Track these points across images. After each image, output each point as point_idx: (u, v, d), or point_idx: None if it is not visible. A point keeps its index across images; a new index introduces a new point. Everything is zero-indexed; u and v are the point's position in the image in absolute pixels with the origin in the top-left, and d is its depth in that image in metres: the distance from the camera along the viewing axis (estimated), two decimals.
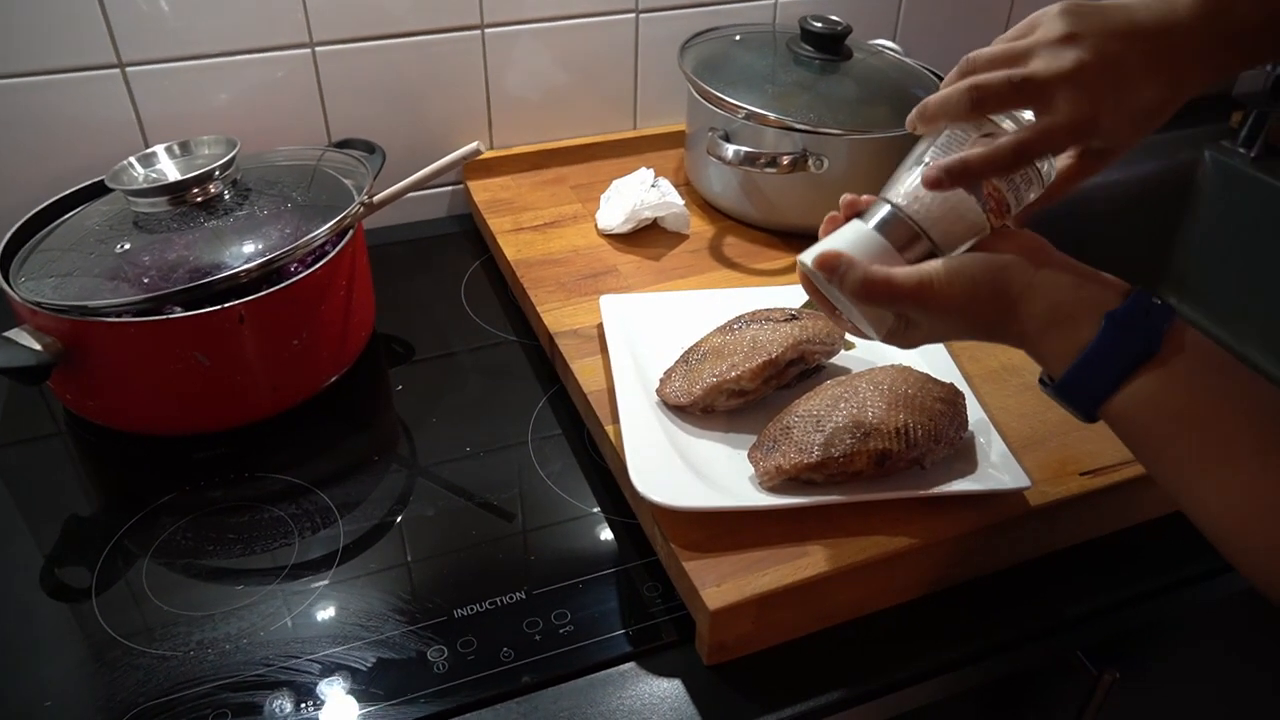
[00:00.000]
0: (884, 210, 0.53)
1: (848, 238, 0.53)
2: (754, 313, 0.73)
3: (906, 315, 0.52)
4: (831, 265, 0.51)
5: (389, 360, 0.86)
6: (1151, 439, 0.46)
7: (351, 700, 0.56)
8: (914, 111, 0.53)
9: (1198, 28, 0.50)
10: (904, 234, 0.52)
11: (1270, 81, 1.22)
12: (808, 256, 0.53)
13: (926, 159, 0.52)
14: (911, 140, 0.56)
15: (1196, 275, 1.28)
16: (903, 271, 0.50)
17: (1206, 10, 0.50)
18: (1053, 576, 0.66)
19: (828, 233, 0.54)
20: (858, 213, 0.54)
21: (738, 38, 0.99)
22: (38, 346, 0.68)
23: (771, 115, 0.87)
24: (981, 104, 0.50)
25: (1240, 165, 1.21)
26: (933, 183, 0.50)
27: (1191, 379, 0.45)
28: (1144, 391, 0.46)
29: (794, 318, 0.71)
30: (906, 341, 0.54)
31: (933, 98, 0.52)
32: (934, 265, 0.50)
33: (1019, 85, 0.49)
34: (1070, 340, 0.47)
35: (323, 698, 0.56)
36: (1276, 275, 1.18)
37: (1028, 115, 0.52)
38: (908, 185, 0.53)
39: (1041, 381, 0.51)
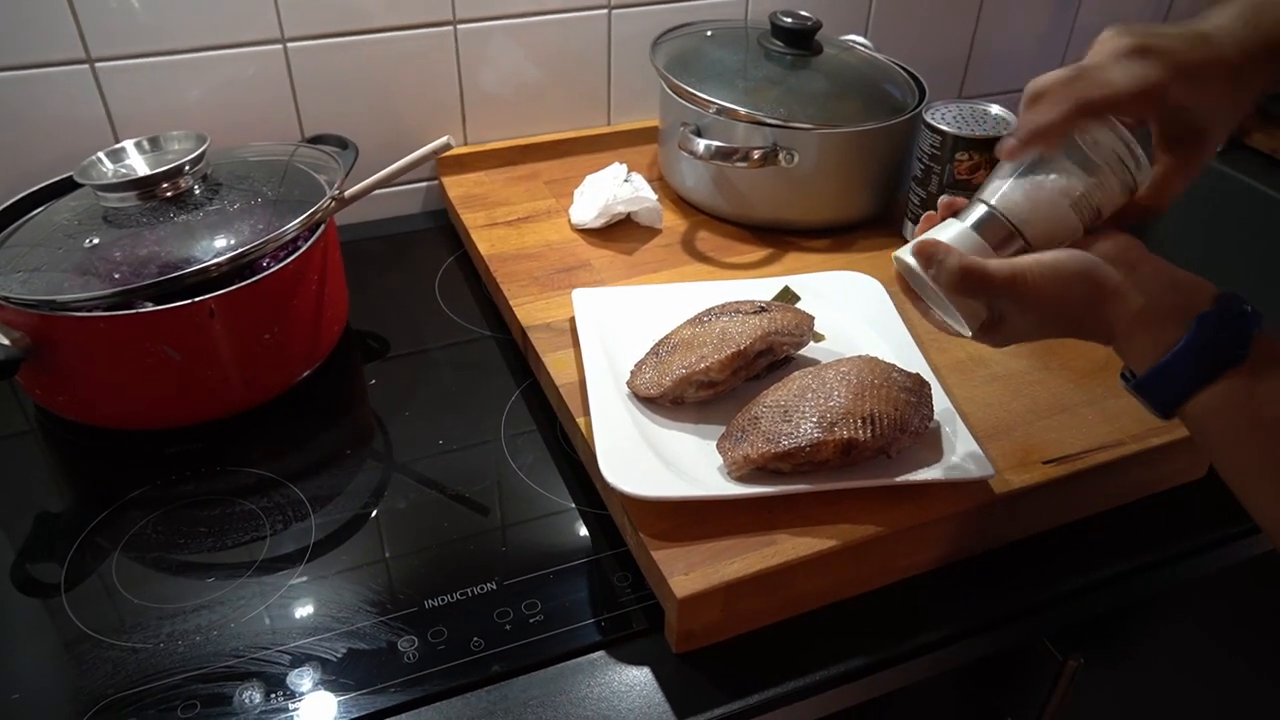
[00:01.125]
0: (980, 210, 0.54)
1: (945, 235, 0.54)
2: (724, 305, 0.74)
3: (999, 309, 0.53)
4: (929, 253, 0.52)
5: (363, 355, 0.86)
6: (1225, 443, 0.47)
7: (321, 690, 0.57)
8: (1008, 140, 0.53)
9: (1240, 34, 0.52)
10: (999, 233, 0.53)
11: None
12: (905, 249, 0.55)
13: (1024, 168, 0.54)
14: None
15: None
16: (997, 262, 0.51)
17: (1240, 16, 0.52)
18: (1018, 564, 0.67)
19: (924, 231, 0.56)
20: (954, 213, 0.56)
21: (709, 33, 1.00)
22: (6, 341, 0.68)
23: (742, 110, 0.88)
24: (1038, 95, 0.52)
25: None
26: (1008, 151, 0.52)
27: (1270, 390, 0.46)
28: (1226, 396, 0.46)
29: (763, 310, 0.72)
30: (997, 338, 0.55)
31: (1022, 128, 0.53)
32: (1028, 258, 0.51)
33: (1073, 69, 0.52)
34: (1159, 340, 0.48)
35: (292, 688, 0.57)
36: (1242, 267, 1.20)
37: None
38: (1004, 188, 0.54)
39: (1123, 376, 0.51)
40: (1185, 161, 0.56)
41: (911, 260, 0.54)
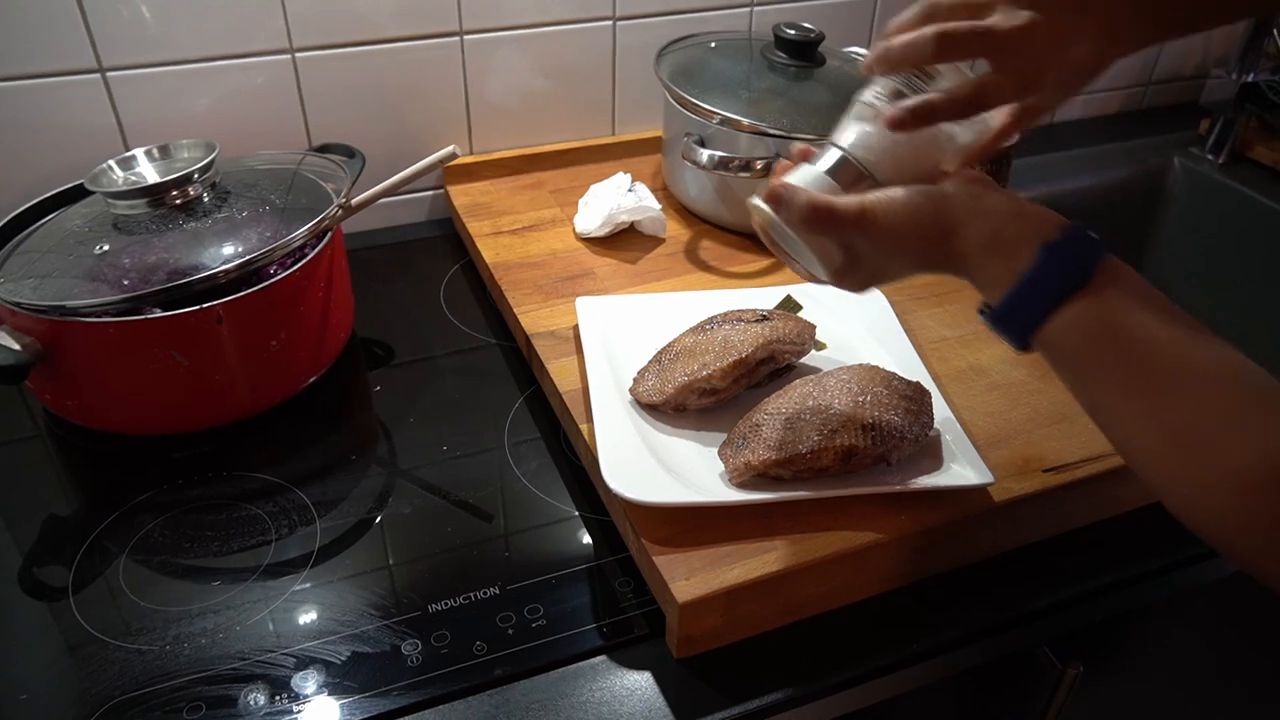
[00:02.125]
0: (831, 153, 0.55)
1: (796, 177, 0.55)
2: (726, 313, 0.74)
3: (852, 249, 0.53)
4: (778, 195, 0.53)
5: (368, 362, 0.87)
6: (1079, 367, 0.48)
7: (326, 693, 0.57)
8: (874, 54, 0.53)
9: None
10: (851, 175, 0.54)
11: (1238, 90, 1.25)
12: (757, 195, 0.55)
13: (875, 104, 0.55)
14: None
15: (1166, 279, 1.30)
16: (845, 198, 0.52)
17: None
18: (1018, 571, 0.67)
19: (781, 174, 0.56)
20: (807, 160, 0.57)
21: (713, 45, 1.01)
22: (16, 346, 0.69)
23: (745, 121, 0.89)
24: (946, 52, 0.51)
25: (1209, 172, 1.24)
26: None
27: (1120, 309, 0.46)
28: (1074, 320, 0.47)
29: (765, 318, 0.73)
30: (855, 280, 0.56)
31: (896, 41, 0.52)
32: (876, 193, 0.52)
33: (983, 35, 0.51)
34: (1008, 268, 0.48)
35: (297, 690, 0.57)
36: (1244, 279, 1.21)
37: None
38: (854, 130, 0.55)
39: (980, 311, 0.52)
40: (1027, 118, 0.56)
41: (764, 205, 0.54)
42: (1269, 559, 0.42)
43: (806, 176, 0.55)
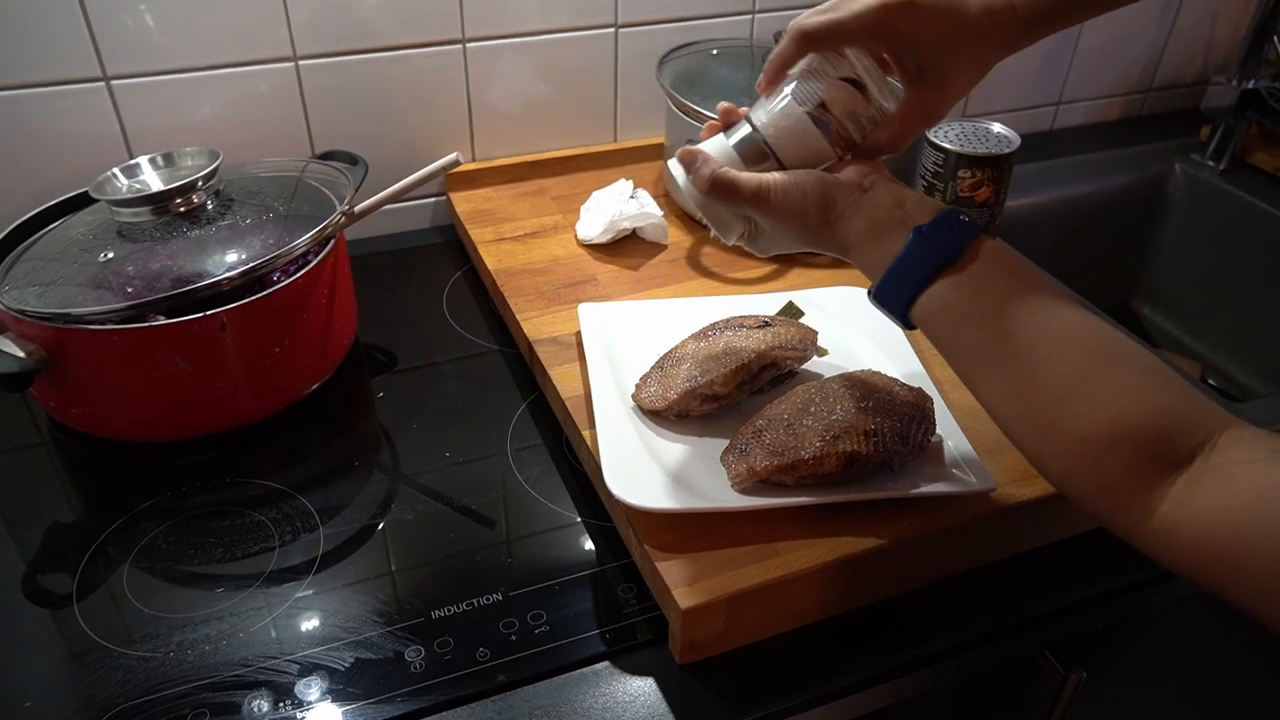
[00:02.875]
0: (744, 129, 0.59)
1: (708, 147, 0.59)
2: (728, 319, 0.74)
3: (752, 220, 0.59)
4: (688, 160, 0.58)
5: (371, 368, 0.87)
6: (946, 340, 0.52)
7: (329, 699, 0.57)
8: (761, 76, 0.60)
9: None
10: (756, 153, 0.58)
11: (1238, 96, 1.25)
12: (674, 158, 0.59)
13: (787, 89, 0.58)
14: None
15: (1168, 285, 1.30)
16: (746, 175, 0.56)
17: None
18: (1020, 576, 0.67)
19: (704, 139, 0.60)
20: (728, 125, 0.60)
21: (715, 52, 1.01)
22: (21, 354, 0.69)
23: None
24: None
25: (1210, 178, 1.24)
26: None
27: (980, 283, 0.50)
28: (940, 295, 0.51)
29: (767, 324, 0.73)
30: (755, 247, 0.61)
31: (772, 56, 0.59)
32: (775, 175, 0.56)
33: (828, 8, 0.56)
34: (884, 252, 0.53)
35: (300, 697, 0.57)
36: (1245, 285, 1.21)
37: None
38: (767, 110, 0.59)
39: (867, 293, 0.55)
40: (925, 99, 0.58)
41: (677, 167, 0.59)
42: (1128, 514, 0.44)
43: (718, 147, 0.59)
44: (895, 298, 0.53)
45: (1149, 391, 0.45)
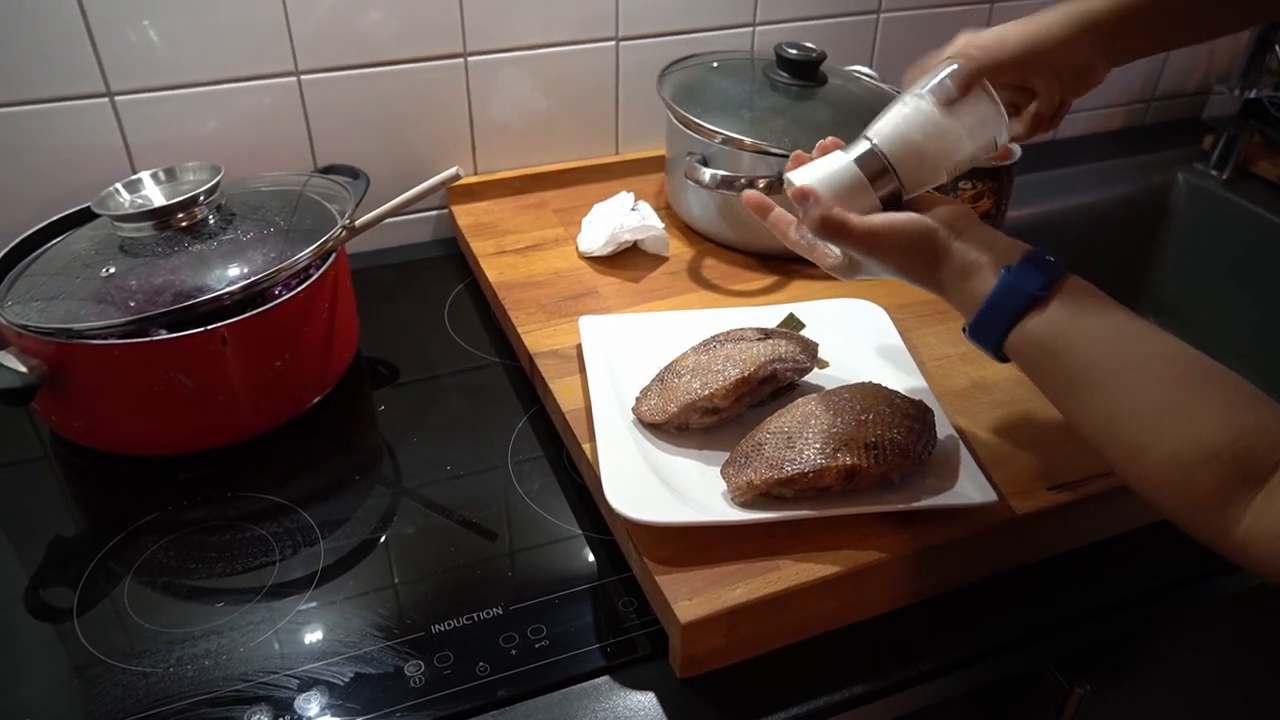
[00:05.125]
0: (864, 146, 0.61)
1: (829, 164, 0.61)
2: (729, 332, 0.74)
3: (852, 254, 0.61)
4: (802, 197, 0.60)
5: (372, 382, 0.87)
6: (1037, 371, 0.55)
7: (329, 715, 0.57)
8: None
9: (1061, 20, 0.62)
10: (875, 167, 0.60)
11: (1241, 105, 1.25)
12: (795, 178, 0.61)
13: (910, 102, 0.61)
14: None
15: (1171, 295, 1.30)
16: (856, 219, 0.58)
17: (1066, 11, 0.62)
18: (1023, 590, 0.67)
19: (819, 156, 0.63)
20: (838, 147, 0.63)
21: (715, 65, 1.01)
22: (23, 369, 0.69)
23: (748, 140, 0.89)
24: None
25: (1212, 187, 1.24)
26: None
27: (1067, 318, 0.53)
28: (1031, 331, 0.54)
29: (767, 337, 0.73)
30: (846, 274, 0.64)
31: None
32: (881, 218, 0.59)
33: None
34: (976, 292, 0.56)
35: (300, 712, 0.57)
36: (1248, 294, 1.21)
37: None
38: (889, 129, 0.61)
39: (963, 330, 0.58)
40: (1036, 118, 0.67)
41: (793, 185, 0.61)
42: (1216, 527, 0.46)
43: (838, 163, 0.61)
44: (989, 334, 0.56)
45: (1232, 412, 0.48)
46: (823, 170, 0.61)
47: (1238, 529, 0.45)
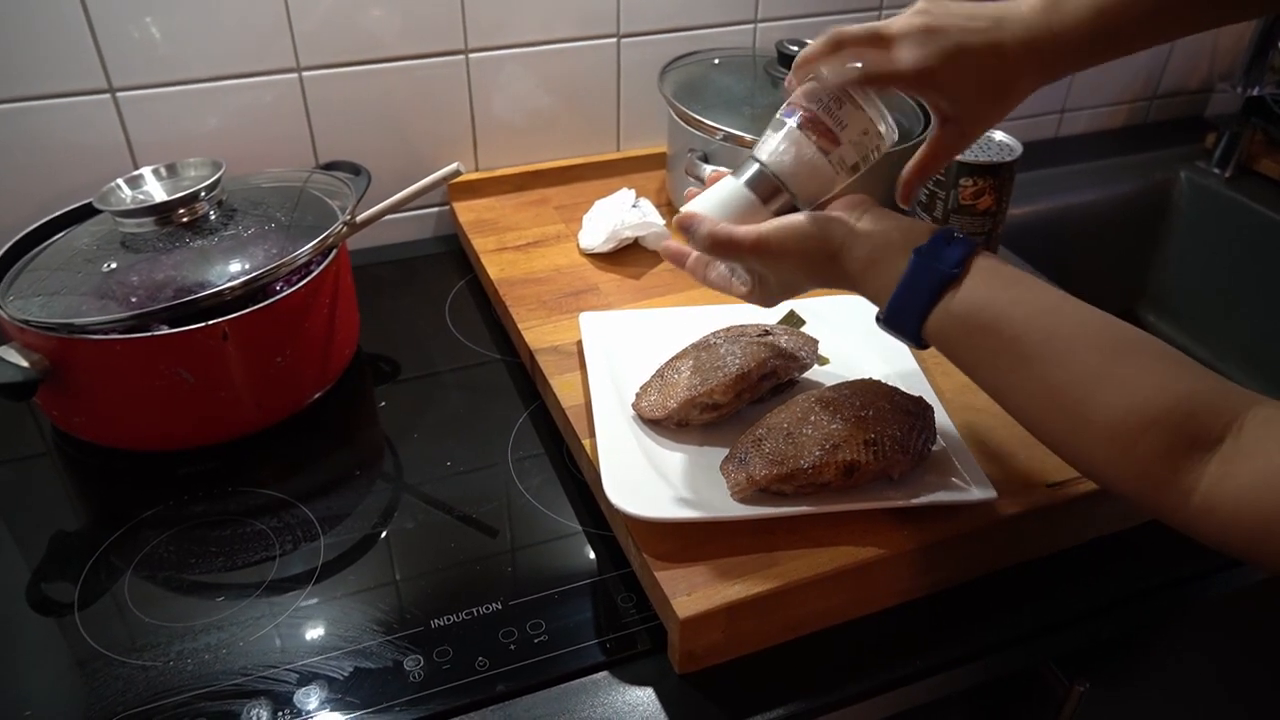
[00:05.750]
0: (752, 167, 0.60)
1: (720, 191, 0.60)
2: (728, 329, 0.74)
3: (755, 271, 0.60)
4: (685, 224, 0.58)
5: (373, 377, 0.88)
6: (962, 353, 0.53)
7: (328, 709, 0.57)
8: (791, 71, 0.61)
9: (1031, 19, 0.57)
10: (767, 187, 0.60)
11: (1243, 103, 1.25)
12: (683, 209, 0.60)
13: (788, 121, 0.60)
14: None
15: (1173, 293, 1.30)
16: (743, 228, 0.57)
17: (1039, 6, 0.57)
18: (1023, 587, 0.67)
19: (711, 183, 0.62)
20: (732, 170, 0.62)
21: (716, 61, 1.01)
22: (25, 363, 0.69)
23: (748, 137, 0.89)
24: (839, 44, 0.58)
25: (1214, 185, 1.24)
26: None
27: (985, 293, 0.51)
28: (948, 311, 0.52)
29: (768, 333, 0.73)
30: (764, 297, 0.62)
31: (802, 51, 0.60)
32: (770, 223, 0.57)
33: (872, 30, 0.57)
34: (888, 276, 0.54)
35: (299, 706, 0.57)
36: (1251, 292, 1.20)
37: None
38: (774, 146, 0.60)
39: (876, 319, 0.57)
40: (955, 135, 0.62)
41: (673, 235, 0.59)
42: (1166, 498, 0.45)
43: (728, 188, 0.60)
44: (904, 319, 0.54)
45: (1170, 377, 0.46)
46: (712, 197, 0.60)
47: (1194, 497, 0.44)
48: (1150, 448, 0.45)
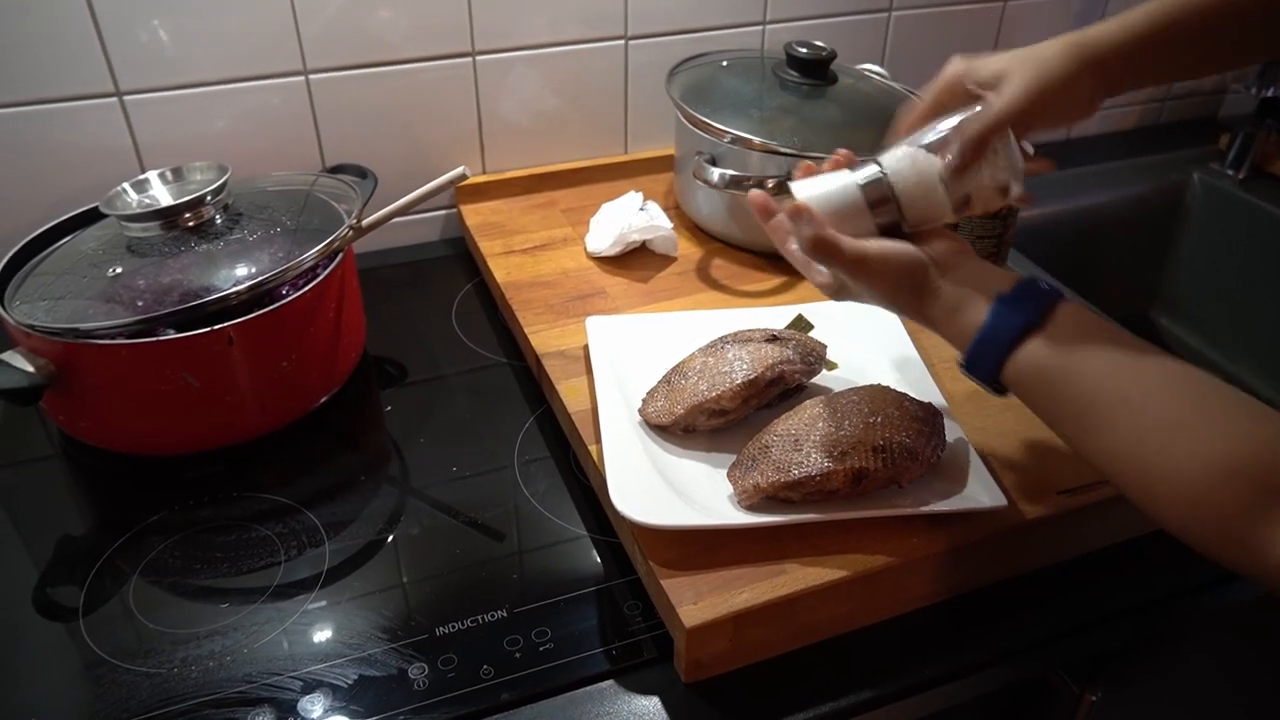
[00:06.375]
0: (871, 169, 0.60)
1: (833, 181, 0.60)
2: (736, 333, 0.74)
3: (842, 278, 0.60)
4: (796, 214, 0.58)
5: (380, 381, 0.87)
6: (1040, 400, 0.53)
7: (332, 717, 0.57)
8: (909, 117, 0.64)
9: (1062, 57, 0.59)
10: (878, 195, 0.59)
11: (1257, 105, 1.23)
12: (797, 190, 0.60)
13: (924, 139, 0.60)
14: None
15: (1186, 295, 1.29)
16: (848, 242, 0.57)
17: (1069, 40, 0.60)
18: (1034, 594, 0.66)
19: (829, 170, 0.62)
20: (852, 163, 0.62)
21: (724, 63, 1.01)
22: (30, 368, 0.69)
23: (757, 139, 0.89)
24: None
25: (1228, 187, 1.23)
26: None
27: (1065, 342, 0.52)
28: (1029, 359, 0.53)
29: (775, 338, 0.72)
30: (836, 294, 0.63)
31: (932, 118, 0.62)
32: (873, 244, 0.57)
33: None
34: (968, 323, 0.55)
35: (304, 714, 0.57)
36: (1264, 295, 1.19)
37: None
38: (898, 156, 0.60)
39: (959, 365, 0.57)
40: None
41: (791, 200, 0.60)
42: (1247, 551, 0.44)
43: (842, 185, 0.60)
44: (984, 365, 0.55)
45: (1250, 428, 0.46)
46: (825, 187, 0.60)
47: (1274, 550, 0.43)
48: (1230, 501, 0.44)
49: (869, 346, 0.79)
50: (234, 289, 0.71)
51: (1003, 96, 0.58)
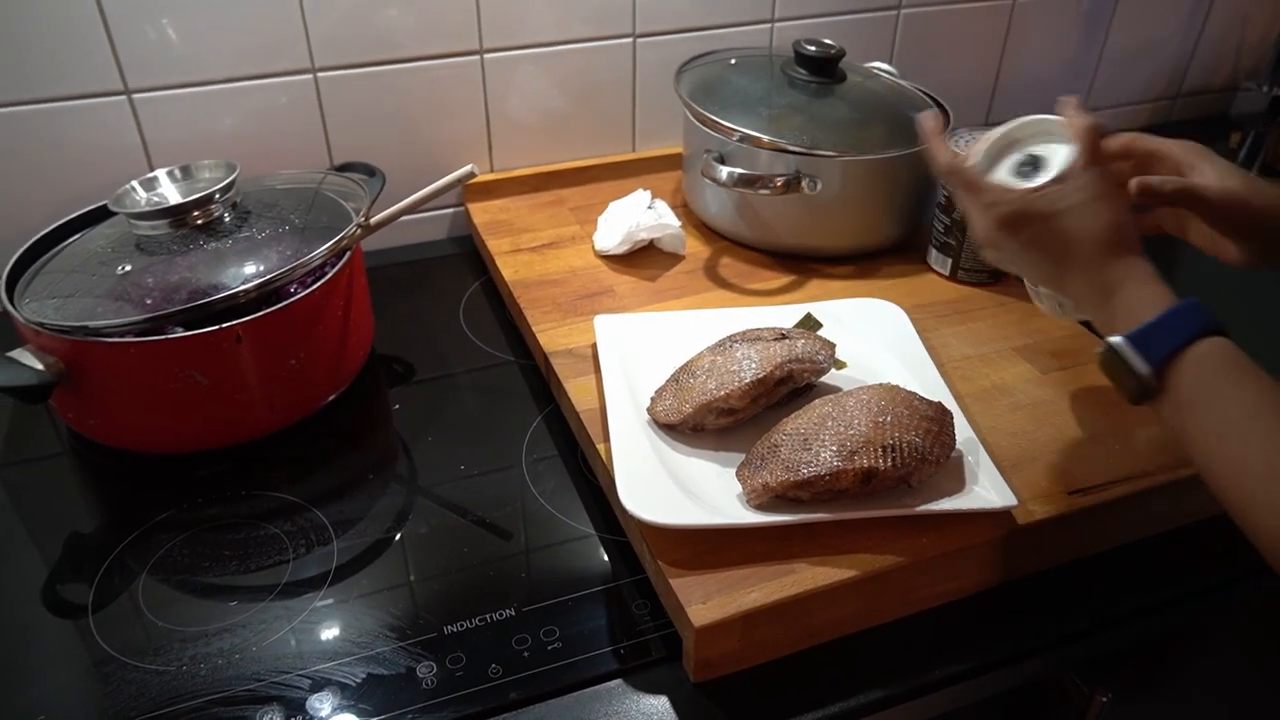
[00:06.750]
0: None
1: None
2: (745, 332, 0.74)
3: (976, 224, 0.63)
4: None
5: (387, 380, 0.87)
6: (1207, 391, 0.52)
7: (340, 715, 0.57)
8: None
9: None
10: None
11: (1269, 102, 1.23)
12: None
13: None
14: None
15: (1196, 295, 1.28)
16: (967, 168, 0.66)
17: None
18: (1043, 596, 0.66)
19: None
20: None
21: (733, 61, 1.01)
22: (40, 366, 0.69)
23: (765, 138, 0.88)
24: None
25: None
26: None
27: (1236, 352, 0.53)
28: (1210, 350, 0.53)
29: (784, 337, 0.72)
30: (992, 257, 0.66)
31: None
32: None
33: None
34: (1156, 295, 0.56)
35: (312, 713, 0.57)
36: (1276, 296, 1.18)
37: None
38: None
39: (1125, 335, 0.55)
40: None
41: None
42: None
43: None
44: (1165, 339, 0.54)
45: None
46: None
47: None
48: None
49: (878, 345, 0.78)
50: (242, 287, 0.71)
51: (1205, 175, 0.65)
